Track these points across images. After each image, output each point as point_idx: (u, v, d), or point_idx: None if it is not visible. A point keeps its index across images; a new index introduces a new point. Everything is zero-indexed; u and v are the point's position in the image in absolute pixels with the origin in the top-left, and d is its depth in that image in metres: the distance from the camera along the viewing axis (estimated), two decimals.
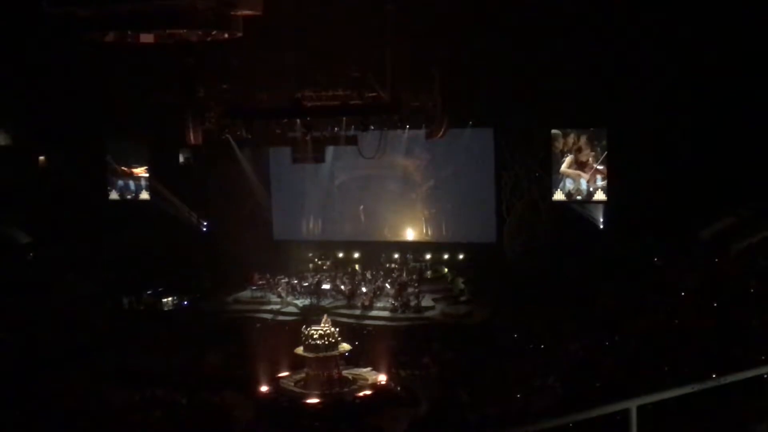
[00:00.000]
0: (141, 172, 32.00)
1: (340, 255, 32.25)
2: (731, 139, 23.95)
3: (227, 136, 24.74)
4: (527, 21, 25.39)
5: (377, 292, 28.35)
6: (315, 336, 21.93)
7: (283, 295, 29.11)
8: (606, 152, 27.52)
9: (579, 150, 27.96)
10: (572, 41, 25.12)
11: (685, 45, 23.82)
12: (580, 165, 27.91)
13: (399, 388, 22.12)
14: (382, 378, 22.37)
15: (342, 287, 28.98)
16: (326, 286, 29.23)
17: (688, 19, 23.54)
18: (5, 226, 30.29)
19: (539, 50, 25.63)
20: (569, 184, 28.04)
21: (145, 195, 31.96)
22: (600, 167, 27.64)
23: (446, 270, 30.71)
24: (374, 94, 20.53)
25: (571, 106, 26.67)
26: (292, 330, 24.26)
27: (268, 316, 28.08)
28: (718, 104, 24.09)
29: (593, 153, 27.80)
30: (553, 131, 28.23)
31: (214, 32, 16.93)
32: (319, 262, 31.73)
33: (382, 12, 21.79)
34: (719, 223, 23.87)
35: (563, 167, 28.05)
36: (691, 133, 24.78)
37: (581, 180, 27.88)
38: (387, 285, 28.73)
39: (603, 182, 27.61)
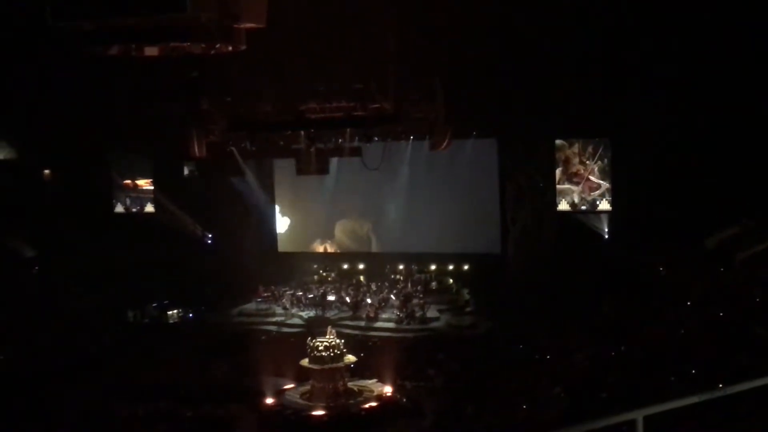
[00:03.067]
0: (145, 185, 32.05)
1: (345, 266, 32.25)
2: (735, 148, 23.92)
3: (231, 148, 24.78)
4: (531, 31, 25.42)
5: (382, 304, 28.35)
6: (320, 348, 21.90)
7: (288, 306, 29.12)
8: (610, 162, 27.51)
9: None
10: (576, 51, 25.14)
11: (688, 54, 23.82)
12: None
13: (404, 400, 22.07)
14: (388, 390, 22.32)
15: (347, 299, 28.97)
16: (331, 298, 29.22)
17: (692, 29, 23.55)
18: (10, 239, 30.35)
19: (543, 60, 25.65)
20: (576, 192, 27.97)
21: (149, 208, 32.01)
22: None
23: (451, 281, 30.68)
24: (377, 105, 20.55)
25: (575, 116, 26.66)
26: (297, 342, 24.22)
27: (273, 328, 28.09)
28: (722, 114, 24.07)
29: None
30: (557, 141, 28.22)
31: (217, 45, 16.98)
32: (324, 274, 31.71)
33: (384, 23, 21.85)
34: (724, 232, 23.83)
35: (569, 178, 28.04)
36: (695, 142, 24.75)
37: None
38: (392, 296, 28.73)
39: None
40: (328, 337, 22.36)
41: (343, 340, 22.57)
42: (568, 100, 25.87)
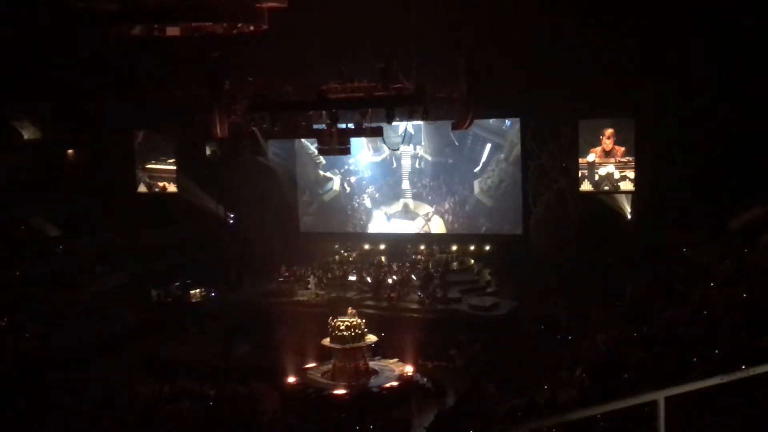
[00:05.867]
0: (168, 165, 32.16)
1: (366, 247, 32.27)
2: (760, 128, 23.68)
3: (253, 128, 24.82)
4: (554, 10, 25.24)
5: (403, 284, 28.34)
6: (341, 327, 21.99)
7: (310, 286, 29.20)
8: (634, 142, 27.29)
9: (602, 138, 27.80)
10: (599, 30, 24.94)
11: (714, 34, 23.56)
12: (606, 154, 27.71)
13: (425, 380, 22.15)
14: (409, 369, 22.38)
15: (368, 279, 28.99)
16: (352, 278, 29.28)
17: (717, 8, 23.29)
18: (35, 218, 30.63)
19: (566, 39, 25.47)
20: (599, 173, 27.78)
21: (172, 188, 32.13)
22: (628, 158, 27.40)
23: (472, 261, 30.63)
24: (399, 85, 20.45)
25: (599, 95, 26.47)
26: (319, 321, 24.31)
27: (295, 307, 28.17)
28: (747, 94, 23.82)
29: (619, 143, 27.59)
30: (581, 121, 28.03)
31: (239, 25, 16.99)
32: (345, 254, 31.77)
33: (407, 3, 21.73)
34: (748, 213, 23.62)
35: (592, 158, 27.85)
36: (719, 122, 24.52)
37: (610, 166, 27.62)
38: (413, 277, 28.72)
39: (631, 171, 27.35)
40: (349, 317, 22.44)
41: (364, 320, 22.64)
42: (592, 79, 25.69)
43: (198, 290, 29.79)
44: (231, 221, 33.57)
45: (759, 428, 8.51)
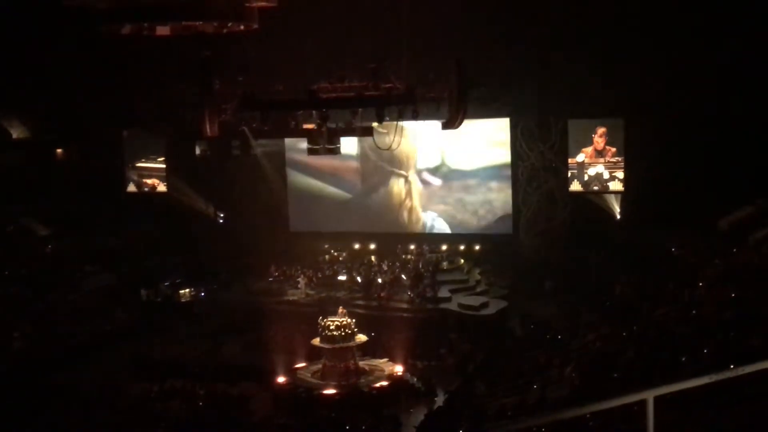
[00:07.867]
0: (158, 164, 32.07)
1: (356, 246, 32.23)
2: (750, 128, 23.79)
3: (243, 128, 24.80)
4: (544, 11, 25.30)
5: (393, 284, 28.33)
6: (331, 327, 21.99)
7: (300, 286, 29.17)
8: (623, 142, 27.38)
9: (594, 137, 27.88)
10: (589, 31, 25.00)
11: (703, 35, 23.64)
12: (598, 153, 27.79)
13: (415, 379, 22.17)
14: (399, 369, 22.42)
15: (358, 278, 28.98)
16: (342, 278, 29.26)
17: (707, 9, 23.38)
18: (24, 218, 30.51)
19: (555, 40, 25.54)
20: (588, 173, 27.85)
21: (162, 187, 32.04)
22: (618, 158, 27.49)
23: (462, 261, 30.63)
24: (390, 84, 20.46)
25: (588, 96, 26.54)
26: (309, 321, 24.32)
27: (285, 307, 28.14)
28: (736, 94, 23.91)
29: (609, 143, 27.67)
30: (570, 121, 28.10)
31: (229, 24, 16.98)
32: (336, 254, 31.72)
33: (397, 2, 21.75)
34: (737, 212, 23.73)
35: (581, 158, 27.92)
36: (709, 122, 24.62)
37: (599, 166, 27.71)
38: (403, 276, 28.71)
39: (620, 171, 27.45)
40: (339, 316, 22.44)
41: (354, 320, 22.65)
42: (582, 80, 25.76)
43: (188, 290, 29.76)
44: (221, 220, 33.50)
45: (748, 427, 8.55)
